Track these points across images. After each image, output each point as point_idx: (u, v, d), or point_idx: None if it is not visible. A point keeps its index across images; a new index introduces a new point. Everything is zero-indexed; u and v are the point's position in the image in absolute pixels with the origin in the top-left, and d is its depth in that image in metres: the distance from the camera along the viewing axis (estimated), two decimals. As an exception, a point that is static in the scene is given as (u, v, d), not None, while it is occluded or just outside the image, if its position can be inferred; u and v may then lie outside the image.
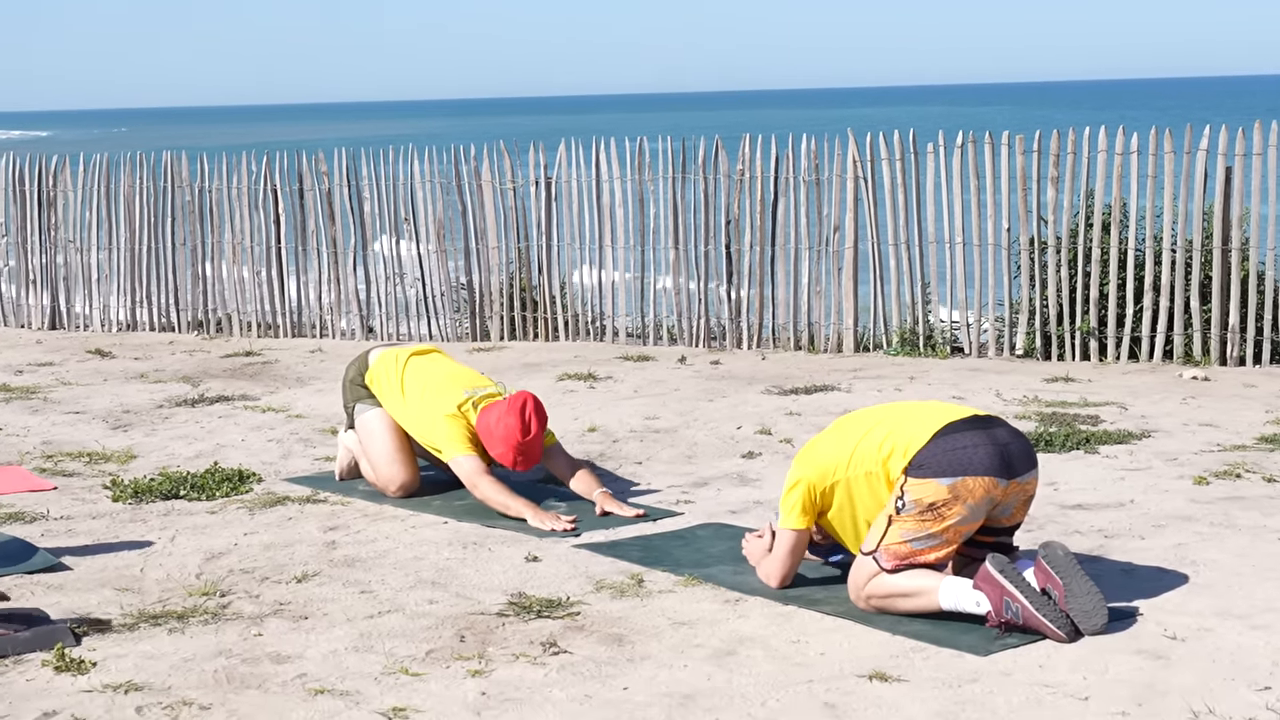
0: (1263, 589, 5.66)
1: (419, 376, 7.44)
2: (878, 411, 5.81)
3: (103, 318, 14.19)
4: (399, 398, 7.42)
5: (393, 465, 7.37)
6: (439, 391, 7.32)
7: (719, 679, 4.89)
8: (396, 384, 7.45)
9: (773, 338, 12.08)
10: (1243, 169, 10.66)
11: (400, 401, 7.41)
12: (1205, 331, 10.80)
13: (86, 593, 5.88)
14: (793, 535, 5.72)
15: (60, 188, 14.27)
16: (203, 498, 7.37)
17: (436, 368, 7.52)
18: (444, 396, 7.29)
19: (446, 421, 7.20)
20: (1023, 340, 11.32)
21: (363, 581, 6.00)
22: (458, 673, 4.98)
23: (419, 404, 7.34)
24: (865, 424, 5.68)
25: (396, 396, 7.43)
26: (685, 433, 8.76)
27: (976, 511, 5.41)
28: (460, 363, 7.76)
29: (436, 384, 7.38)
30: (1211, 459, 7.76)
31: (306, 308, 13.43)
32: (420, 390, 7.37)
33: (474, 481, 7.05)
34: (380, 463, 7.38)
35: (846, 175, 11.71)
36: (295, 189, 13.35)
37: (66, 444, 8.73)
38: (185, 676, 4.96)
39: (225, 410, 9.69)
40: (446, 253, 12.94)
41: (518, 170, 12.72)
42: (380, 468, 7.38)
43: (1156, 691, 4.70)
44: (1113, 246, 10.97)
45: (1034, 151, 11.16)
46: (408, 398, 7.39)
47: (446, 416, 7.20)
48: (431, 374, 7.46)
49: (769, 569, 5.80)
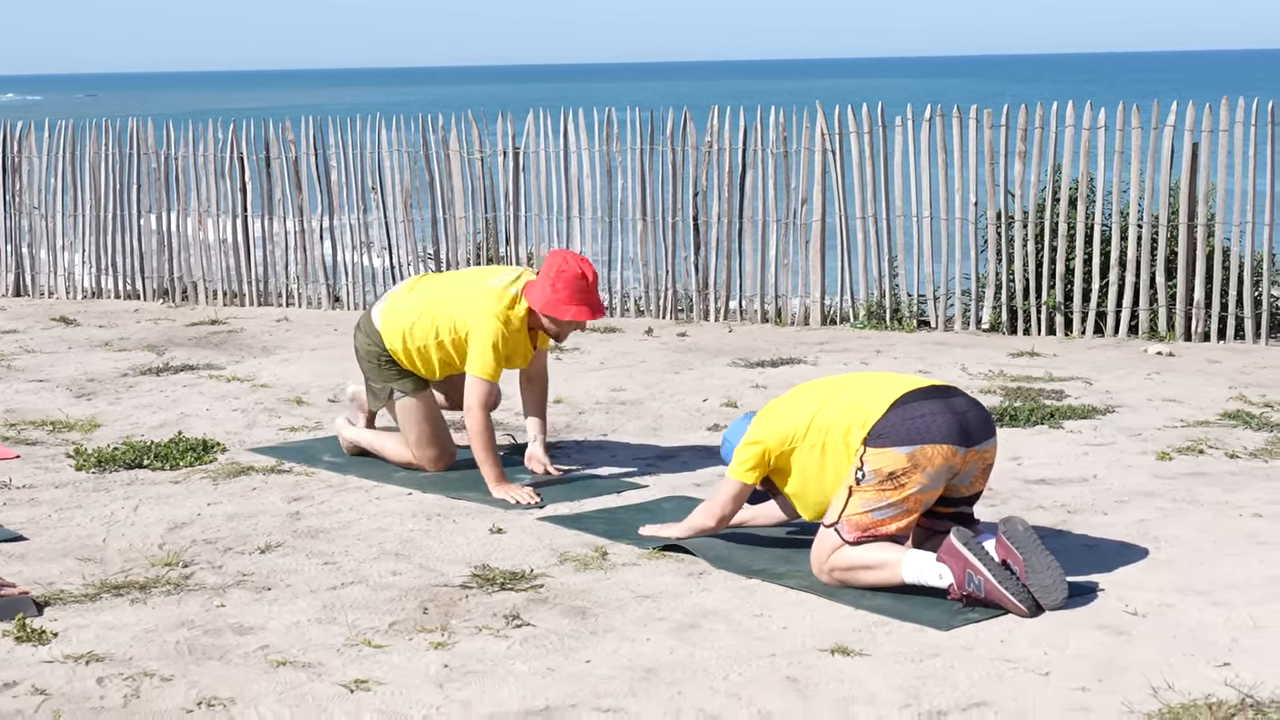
0: (1223, 565, 5.70)
1: (438, 296, 7.20)
2: (837, 381, 5.83)
3: (67, 285, 14.11)
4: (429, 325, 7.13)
5: (433, 447, 7.27)
6: (468, 298, 7.06)
7: (681, 652, 4.90)
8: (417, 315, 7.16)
9: (740, 310, 12.08)
10: (1209, 145, 10.69)
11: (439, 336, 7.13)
12: (1170, 307, 10.85)
13: (48, 563, 5.86)
14: (737, 485, 5.79)
15: (25, 154, 14.17)
16: (166, 467, 7.35)
17: (449, 281, 7.32)
18: (476, 304, 7.02)
19: (486, 329, 6.93)
20: (989, 314, 11.34)
21: (326, 553, 5.99)
22: (420, 645, 4.97)
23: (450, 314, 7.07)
24: (824, 394, 5.70)
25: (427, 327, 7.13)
26: (651, 405, 8.76)
27: (936, 480, 5.43)
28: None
29: (459, 293, 7.12)
30: (1175, 435, 7.79)
31: (273, 276, 13.38)
32: (453, 307, 7.09)
33: (477, 406, 6.91)
34: (421, 444, 7.27)
35: (814, 148, 11.71)
36: (262, 157, 13.29)
37: (30, 412, 8.68)
38: (147, 647, 4.95)
39: (190, 379, 9.66)
40: (414, 222, 12.90)
41: (485, 140, 12.69)
42: (422, 448, 7.27)
43: (1116, 667, 4.72)
44: (1079, 221, 11.00)
45: (1001, 126, 11.18)
46: (438, 317, 7.10)
47: (483, 325, 6.94)
48: (447, 288, 7.23)
49: (709, 508, 5.90)
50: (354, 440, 7.57)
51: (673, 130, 12.07)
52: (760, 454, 5.70)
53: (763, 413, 5.83)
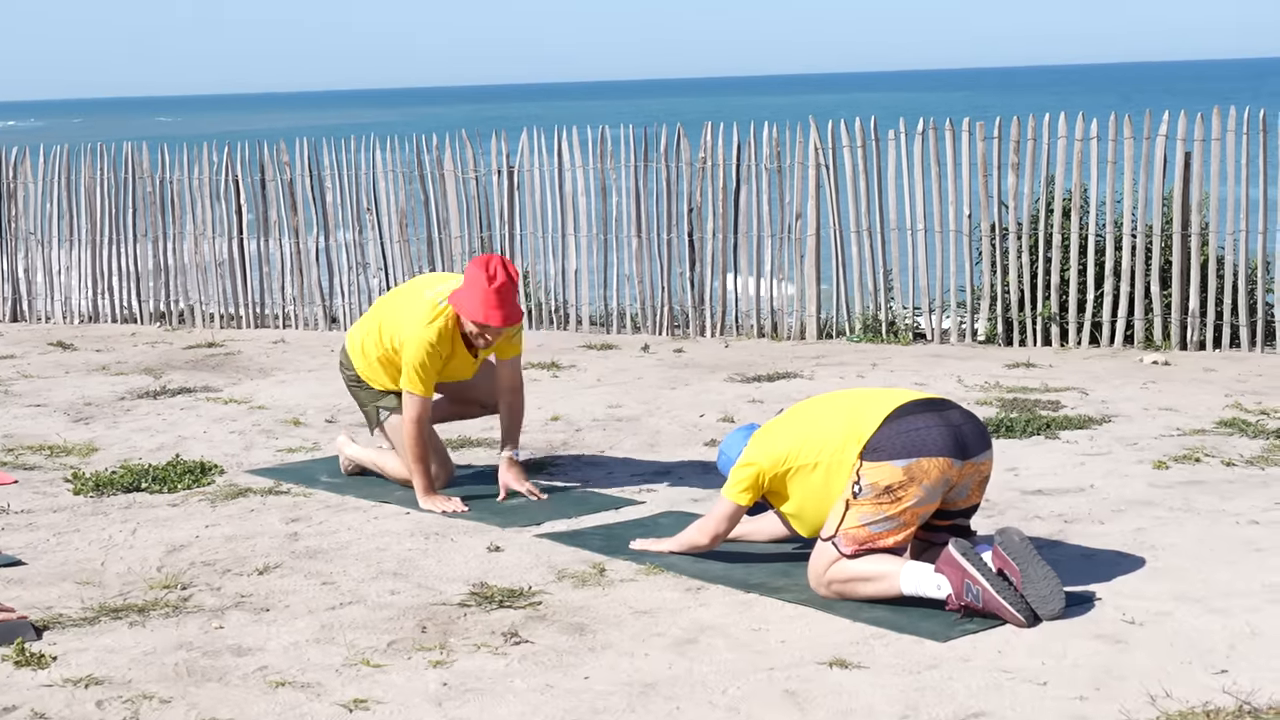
0: (1220, 573, 5.71)
1: (386, 310, 7.20)
2: (830, 399, 5.85)
3: (64, 309, 14.13)
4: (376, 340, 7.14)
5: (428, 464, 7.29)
6: (405, 310, 7.05)
7: (680, 667, 4.91)
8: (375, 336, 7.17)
9: (736, 325, 12.10)
10: (1202, 154, 10.71)
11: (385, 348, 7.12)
12: (1165, 316, 10.86)
13: (47, 587, 5.86)
14: (731, 505, 5.81)
15: (20, 179, 14.20)
16: (164, 490, 7.35)
17: (398, 292, 7.32)
18: (411, 314, 7.00)
19: (413, 341, 6.92)
20: (984, 326, 11.36)
21: (324, 573, 6.00)
22: (419, 663, 4.98)
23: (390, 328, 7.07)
24: (817, 413, 5.72)
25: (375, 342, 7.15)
26: (648, 421, 8.77)
27: (933, 493, 5.44)
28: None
29: (401, 304, 7.12)
30: (1171, 444, 7.80)
31: (269, 298, 13.39)
32: (392, 319, 7.10)
33: (409, 420, 6.91)
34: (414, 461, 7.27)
35: (808, 163, 11.73)
36: (257, 179, 13.31)
37: (27, 437, 8.69)
38: (146, 670, 4.96)
39: (187, 402, 9.67)
40: (409, 242, 12.92)
41: (480, 159, 12.71)
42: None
43: (1114, 675, 4.73)
44: (1073, 232, 11.01)
45: (994, 138, 11.20)
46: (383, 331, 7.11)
47: (413, 337, 6.92)
48: (395, 299, 7.24)
49: (703, 525, 5.93)
50: (354, 458, 7.57)
51: (667, 147, 12.10)
52: (754, 475, 5.71)
53: (758, 433, 5.85)
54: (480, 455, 8.01)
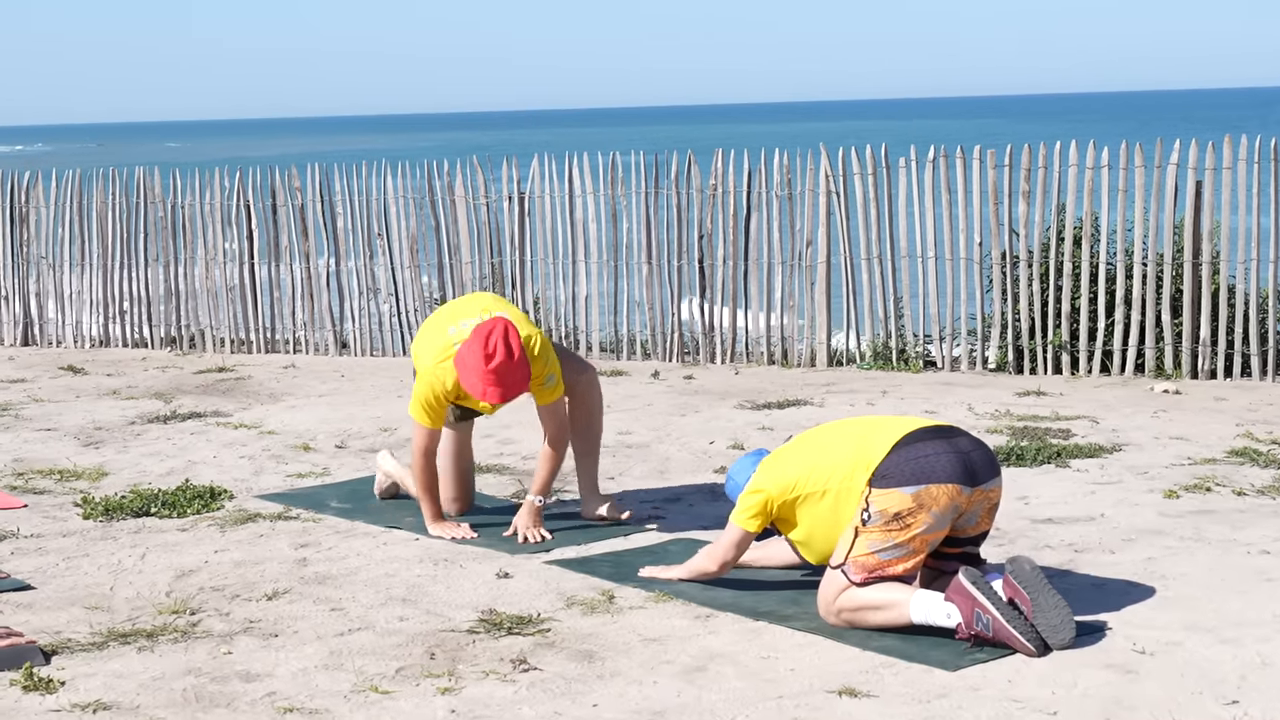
0: (1231, 603, 5.69)
1: (427, 326, 7.04)
2: (839, 426, 5.85)
3: (75, 334, 14.15)
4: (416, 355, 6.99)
5: (451, 486, 7.22)
6: (428, 343, 6.90)
7: (689, 695, 4.89)
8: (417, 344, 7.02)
9: (746, 352, 12.09)
10: (1213, 183, 10.71)
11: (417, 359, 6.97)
12: (1176, 345, 10.85)
13: (56, 611, 5.86)
14: (739, 532, 5.83)
15: (33, 204, 14.23)
16: (174, 515, 7.35)
17: (442, 311, 7.11)
18: (431, 347, 6.85)
19: (421, 377, 6.82)
20: (995, 354, 11.35)
21: (333, 599, 5.99)
22: (427, 690, 4.97)
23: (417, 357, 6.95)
24: (825, 440, 5.72)
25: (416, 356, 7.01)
26: (658, 448, 8.76)
27: (942, 520, 5.43)
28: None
29: (431, 329, 6.97)
30: (1182, 473, 7.78)
31: (280, 324, 13.41)
32: (422, 341, 6.96)
33: (416, 451, 6.84)
34: (443, 477, 7.17)
35: (819, 190, 11.74)
36: (268, 204, 13.33)
37: (38, 461, 8.70)
38: (154, 695, 4.95)
39: (197, 427, 9.67)
40: (420, 268, 12.93)
41: (491, 185, 12.73)
42: (443, 483, 7.18)
43: (1124, 706, 4.71)
44: (1084, 260, 11.00)
45: (1005, 166, 11.20)
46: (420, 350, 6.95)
47: (424, 371, 6.80)
48: (435, 319, 7.04)
49: (712, 552, 5.94)
50: (390, 472, 7.54)
51: (677, 174, 12.10)
52: (763, 503, 5.71)
53: (767, 460, 5.85)
54: (488, 481, 8.00)
